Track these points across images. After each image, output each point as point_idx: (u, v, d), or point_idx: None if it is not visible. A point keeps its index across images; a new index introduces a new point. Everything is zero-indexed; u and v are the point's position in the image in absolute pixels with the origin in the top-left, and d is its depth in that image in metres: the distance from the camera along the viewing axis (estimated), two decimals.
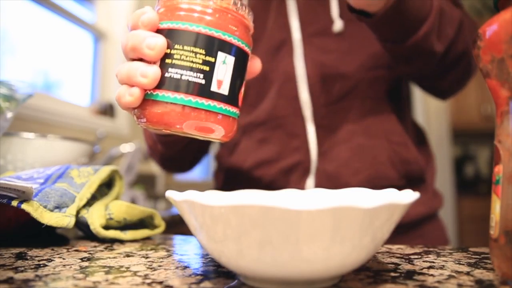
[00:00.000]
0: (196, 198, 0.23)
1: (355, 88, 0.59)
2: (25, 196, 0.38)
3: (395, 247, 0.39)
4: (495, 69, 0.26)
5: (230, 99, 0.35)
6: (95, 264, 0.32)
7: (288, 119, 0.60)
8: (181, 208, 0.25)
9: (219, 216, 0.22)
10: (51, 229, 0.46)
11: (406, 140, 0.59)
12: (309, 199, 0.36)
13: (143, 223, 0.47)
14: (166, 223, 0.50)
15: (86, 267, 0.31)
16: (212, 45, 0.33)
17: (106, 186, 0.48)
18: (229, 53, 0.34)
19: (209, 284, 0.26)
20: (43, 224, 0.38)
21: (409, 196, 0.27)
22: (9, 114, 0.51)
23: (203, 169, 2.99)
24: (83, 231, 0.46)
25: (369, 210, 0.21)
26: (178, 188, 2.15)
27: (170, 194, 0.27)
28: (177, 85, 0.33)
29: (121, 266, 0.31)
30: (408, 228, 0.59)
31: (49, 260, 0.33)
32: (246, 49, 0.36)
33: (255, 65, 0.41)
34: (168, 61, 0.33)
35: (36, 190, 0.40)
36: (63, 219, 0.39)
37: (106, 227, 0.43)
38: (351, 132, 0.58)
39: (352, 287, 0.25)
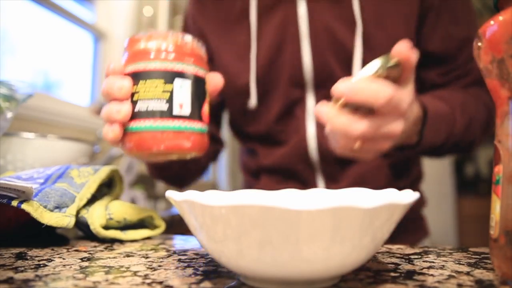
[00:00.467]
0: (196, 198, 0.23)
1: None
2: (25, 196, 0.38)
3: (395, 247, 0.39)
4: (495, 69, 0.26)
5: (193, 116, 0.40)
6: (95, 264, 0.32)
7: (301, 172, 0.66)
8: (181, 208, 0.25)
9: (219, 216, 0.22)
10: (51, 229, 0.46)
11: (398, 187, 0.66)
12: (309, 199, 0.36)
13: (143, 223, 0.47)
14: (166, 223, 0.50)
15: (86, 267, 0.31)
16: (168, 76, 0.39)
17: (106, 186, 0.48)
18: (184, 79, 0.40)
19: (209, 284, 0.26)
20: (43, 224, 0.38)
21: (409, 196, 0.27)
22: (9, 114, 0.51)
23: None
24: (83, 231, 0.46)
25: (369, 210, 0.21)
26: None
27: (170, 194, 0.27)
28: (145, 115, 0.39)
29: (121, 266, 0.31)
30: None
31: (49, 260, 0.33)
32: (200, 73, 0.42)
33: (216, 81, 0.46)
34: (136, 96, 0.39)
35: (36, 190, 0.40)
36: (63, 219, 0.39)
37: (106, 227, 0.43)
38: (352, 182, 0.63)
39: (352, 287, 0.25)
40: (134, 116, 0.39)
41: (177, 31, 0.46)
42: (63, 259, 0.33)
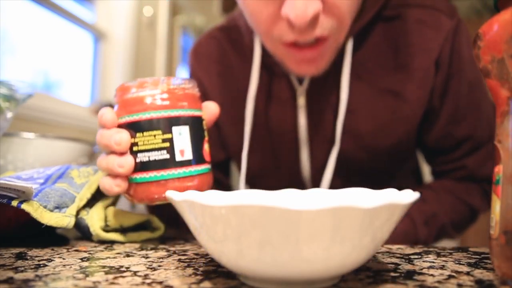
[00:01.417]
0: (196, 198, 0.23)
1: (359, 169, 0.60)
2: (25, 196, 0.38)
3: (395, 247, 0.39)
4: (495, 69, 0.26)
5: (196, 160, 0.40)
6: (95, 264, 0.32)
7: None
8: (181, 208, 0.25)
9: (219, 216, 0.22)
10: (51, 229, 0.46)
11: None
12: (309, 199, 0.36)
13: (143, 224, 0.47)
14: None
15: (86, 267, 0.31)
16: (165, 124, 0.38)
17: None
18: (182, 125, 0.39)
19: (209, 284, 0.26)
20: (43, 224, 0.38)
21: (409, 196, 0.27)
22: (9, 114, 0.51)
23: None
24: (81, 233, 0.45)
25: (369, 210, 0.21)
26: None
27: (170, 194, 0.27)
28: (148, 166, 0.38)
29: (121, 266, 0.31)
30: None
31: (49, 260, 0.33)
32: (196, 113, 0.41)
33: (212, 110, 0.45)
34: (135, 148, 0.38)
35: (36, 190, 0.40)
36: (63, 219, 0.39)
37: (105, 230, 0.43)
38: None
39: (352, 287, 0.25)
40: (136, 167, 0.38)
41: (169, 74, 0.47)
42: (63, 259, 0.33)
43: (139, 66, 2.17)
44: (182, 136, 0.39)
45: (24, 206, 0.37)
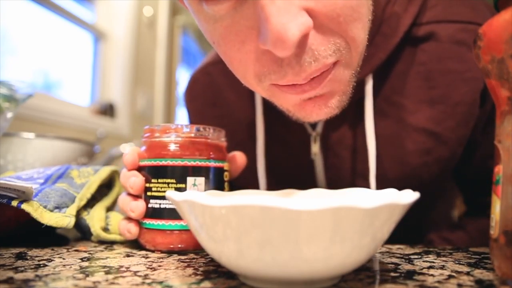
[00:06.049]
0: (196, 198, 0.23)
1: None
2: (25, 196, 0.38)
3: (395, 247, 0.39)
4: (495, 69, 0.26)
5: None
6: (95, 264, 0.32)
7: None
8: (181, 208, 0.25)
9: (219, 216, 0.22)
10: (51, 229, 0.46)
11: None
12: (309, 199, 0.36)
13: None
14: None
15: (86, 267, 0.31)
16: (181, 174, 0.38)
17: (106, 187, 0.48)
18: (198, 175, 0.38)
19: (209, 284, 0.26)
20: (43, 224, 0.38)
21: (409, 196, 0.27)
22: (9, 114, 0.51)
23: None
24: (82, 233, 0.45)
25: (369, 210, 0.21)
26: None
27: (170, 194, 0.27)
28: (158, 214, 0.38)
29: (121, 266, 0.31)
30: None
31: (49, 260, 0.33)
32: (217, 164, 0.40)
33: (238, 162, 0.43)
34: (149, 193, 0.39)
35: (36, 190, 0.40)
36: (63, 219, 0.39)
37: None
38: None
39: (352, 287, 0.25)
40: (148, 213, 0.38)
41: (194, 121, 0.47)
42: (63, 259, 0.33)
43: (139, 66, 2.17)
44: (196, 188, 0.38)
45: (24, 206, 0.37)
